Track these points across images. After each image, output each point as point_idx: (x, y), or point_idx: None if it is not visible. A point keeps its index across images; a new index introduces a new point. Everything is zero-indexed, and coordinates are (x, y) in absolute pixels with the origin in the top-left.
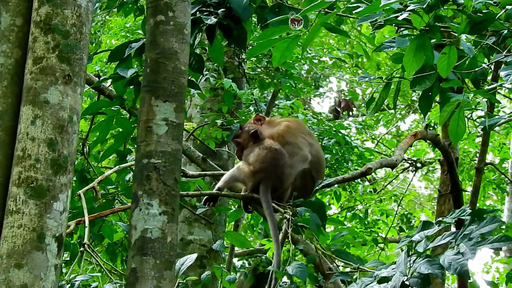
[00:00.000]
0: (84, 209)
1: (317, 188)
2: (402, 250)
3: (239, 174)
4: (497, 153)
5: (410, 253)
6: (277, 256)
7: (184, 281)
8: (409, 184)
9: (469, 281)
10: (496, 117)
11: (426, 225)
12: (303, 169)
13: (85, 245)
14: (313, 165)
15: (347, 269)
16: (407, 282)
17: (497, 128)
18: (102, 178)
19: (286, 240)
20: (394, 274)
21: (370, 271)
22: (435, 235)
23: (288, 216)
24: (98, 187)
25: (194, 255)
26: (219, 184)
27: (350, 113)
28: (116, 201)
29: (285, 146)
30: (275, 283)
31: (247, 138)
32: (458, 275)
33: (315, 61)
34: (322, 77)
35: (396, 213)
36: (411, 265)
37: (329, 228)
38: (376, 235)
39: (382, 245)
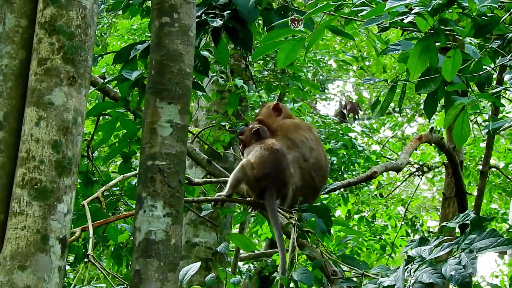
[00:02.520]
0: (88, 219)
1: (322, 193)
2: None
3: (243, 176)
4: (503, 158)
5: (412, 263)
6: (283, 264)
7: None
8: (416, 188)
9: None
10: (501, 121)
11: (422, 241)
12: (300, 167)
13: (90, 255)
14: (312, 166)
15: (352, 274)
16: None
17: (502, 132)
18: (106, 188)
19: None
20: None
21: (375, 277)
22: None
23: (293, 222)
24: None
25: (198, 264)
26: (227, 191)
27: (356, 116)
28: (120, 202)
29: (283, 140)
30: None
31: (249, 136)
32: (459, 286)
33: (322, 64)
34: (328, 80)
35: (404, 218)
36: (411, 275)
37: (335, 230)
38: (384, 242)
39: (390, 251)
